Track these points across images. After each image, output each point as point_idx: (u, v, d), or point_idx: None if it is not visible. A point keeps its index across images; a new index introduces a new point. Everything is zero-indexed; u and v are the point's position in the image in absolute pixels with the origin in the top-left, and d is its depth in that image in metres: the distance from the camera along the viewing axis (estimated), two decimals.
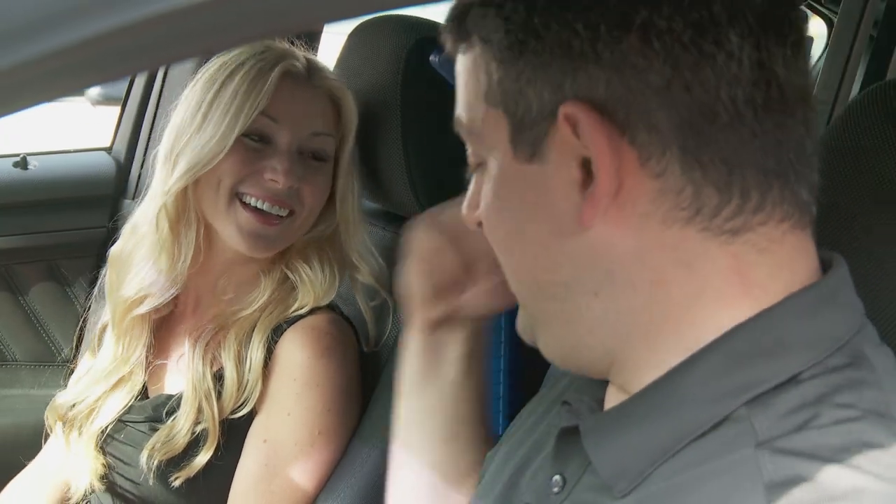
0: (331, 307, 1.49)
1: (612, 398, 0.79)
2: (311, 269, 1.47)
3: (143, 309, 1.49)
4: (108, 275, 1.55)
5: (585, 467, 0.77)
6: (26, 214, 2.13)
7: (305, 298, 1.45)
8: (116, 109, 2.33)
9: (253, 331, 1.43)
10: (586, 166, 0.68)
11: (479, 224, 0.80)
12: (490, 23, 0.70)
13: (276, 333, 1.43)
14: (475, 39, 0.72)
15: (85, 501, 1.55)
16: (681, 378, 0.69)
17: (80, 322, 2.07)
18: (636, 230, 0.68)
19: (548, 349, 0.80)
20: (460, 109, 0.77)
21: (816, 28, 3.46)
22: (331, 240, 1.51)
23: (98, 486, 1.48)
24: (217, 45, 0.95)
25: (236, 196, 1.41)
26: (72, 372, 1.62)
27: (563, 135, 0.68)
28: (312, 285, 1.46)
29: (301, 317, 1.44)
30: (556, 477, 0.80)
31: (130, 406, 1.49)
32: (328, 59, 1.61)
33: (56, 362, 2.13)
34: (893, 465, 0.61)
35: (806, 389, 0.66)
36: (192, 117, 1.39)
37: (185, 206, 1.44)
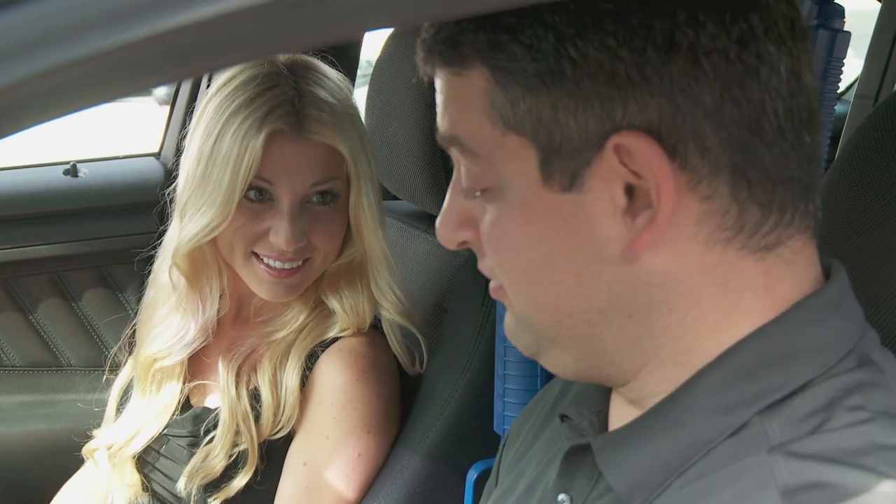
0: (371, 324, 1.48)
1: (619, 411, 0.78)
2: (341, 299, 1.45)
3: (169, 362, 1.48)
4: (138, 326, 1.56)
5: (593, 484, 0.76)
6: (77, 221, 2.16)
7: (344, 324, 1.44)
8: None
9: (289, 354, 1.42)
10: (629, 192, 0.66)
11: (461, 244, 0.78)
12: (506, 50, 0.67)
13: (313, 356, 1.42)
14: (477, 63, 0.69)
15: None
16: (692, 391, 0.69)
17: (132, 328, 2.09)
18: (679, 254, 0.67)
19: (560, 366, 0.78)
20: (457, 130, 0.73)
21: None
22: (360, 266, 1.47)
23: (141, 497, 1.50)
24: (254, 54, 0.94)
25: (252, 254, 1.39)
26: None
27: (608, 164, 0.66)
28: (347, 314, 1.44)
29: (337, 338, 1.43)
30: (562, 496, 0.80)
31: (173, 419, 1.49)
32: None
33: (110, 367, 2.15)
34: None
35: (817, 394, 0.66)
36: (195, 167, 1.36)
37: (203, 260, 1.43)
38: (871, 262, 0.84)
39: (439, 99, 0.75)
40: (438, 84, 0.74)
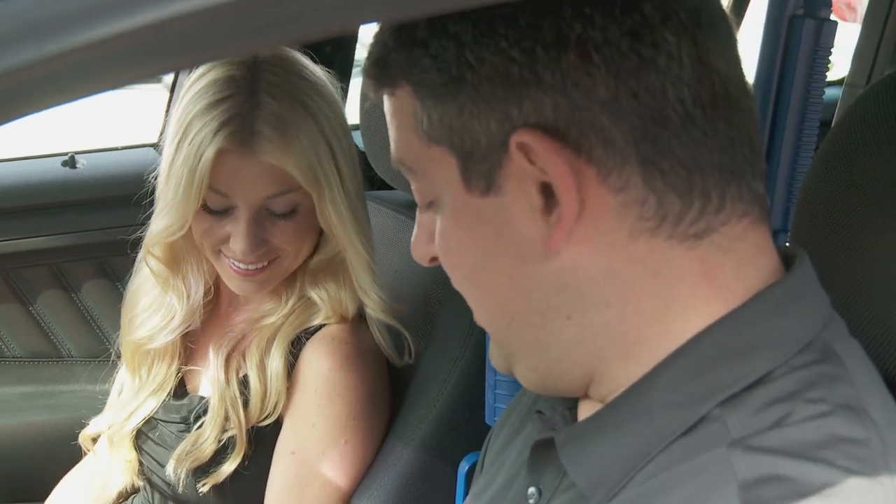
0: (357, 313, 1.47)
1: (586, 407, 0.79)
2: (324, 292, 1.44)
3: (157, 344, 1.48)
4: (122, 313, 1.56)
5: (561, 477, 0.77)
6: (76, 213, 2.16)
7: (327, 313, 1.44)
8: None
9: (275, 339, 1.43)
10: (545, 191, 0.67)
11: (432, 259, 0.79)
12: (419, 64, 0.69)
13: (298, 343, 1.43)
14: (402, 82, 0.71)
15: (130, 500, 1.58)
16: (651, 385, 0.69)
17: None
18: (604, 247, 0.68)
19: (525, 379, 0.79)
20: (399, 150, 0.75)
21: None
22: (343, 264, 1.45)
23: (136, 482, 1.51)
24: (254, 46, 0.93)
25: (220, 251, 1.39)
26: None
27: (517, 164, 0.67)
28: (331, 305, 1.44)
29: (322, 325, 1.44)
30: (532, 489, 0.80)
31: (164, 404, 1.50)
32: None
33: (110, 358, 2.17)
34: (865, 459, 0.62)
35: (777, 387, 0.66)
36: (165, 168, 1.36)
37: (180, 250, 1.43)
38: (844, 250, 0.84)
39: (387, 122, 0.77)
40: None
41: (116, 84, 0.55)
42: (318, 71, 1.41)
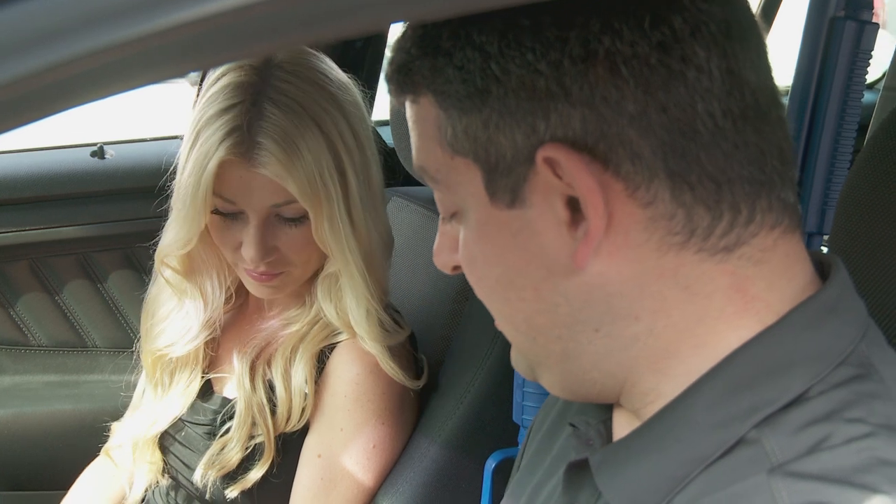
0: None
1: (621, 420, 0.78)
2: (336, 305, 1.41)
3: (178, 353, 1.47)
4: (141, 321, 1.54)
5: (596, 497, 0.75)
6: (104, 203, 2.17)
7: (345, 329, 1.41)
8: None
9: (299, 349, 1.41)
10: (572, 205, 0.66)
11: (455, 268, 0.78)
12: (443, 73, 0.68)
13: (327, 350, 1.42)
14: (425, 91, 0.70)
15: (151, 492, 1.58)
16: (687, 404, 0.68)
17: None
18: (631, 261, 0.67)
19: (552, 387, 0.78)
20: (422, 159, 0.74)
21: None
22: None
23: (161, 481, 1.51)
24: (276, 45, 0.94)
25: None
26: None
27: (543, 177, 0.66)
28: (344, 321, 1.40)
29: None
30: None
31: (192, 404, 1.50)
32: None
33: (134, 348, 2.17)
34: None
35: (815, 406, 0.64)
36: (178, 175, 1.35)
37: (197, 259, 1.43)
38: (884, 255, 0.84)
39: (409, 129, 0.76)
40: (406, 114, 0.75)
41: (162, 78, 0.56)
42: (336, 75, 1.37)
